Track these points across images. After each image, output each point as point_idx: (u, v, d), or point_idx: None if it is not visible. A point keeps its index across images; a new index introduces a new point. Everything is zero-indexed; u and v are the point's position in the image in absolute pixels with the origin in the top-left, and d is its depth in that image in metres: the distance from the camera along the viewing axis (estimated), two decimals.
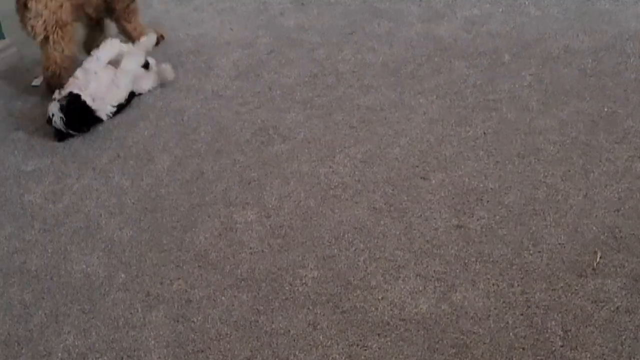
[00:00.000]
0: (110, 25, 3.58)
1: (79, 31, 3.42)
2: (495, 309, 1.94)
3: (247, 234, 2.38)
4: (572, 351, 1.78)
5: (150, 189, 2.68)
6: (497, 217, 2.25)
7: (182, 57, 3.59)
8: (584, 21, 3.28)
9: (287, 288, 2.14)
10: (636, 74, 2.80)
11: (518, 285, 1.99)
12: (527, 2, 3.55)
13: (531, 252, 2.09)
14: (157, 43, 3.58)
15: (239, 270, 2.24)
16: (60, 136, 3.04)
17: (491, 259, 2.09)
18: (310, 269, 2.19)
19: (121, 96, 3.15)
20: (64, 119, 2.96)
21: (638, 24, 3.16)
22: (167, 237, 2.43)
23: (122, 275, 2.30)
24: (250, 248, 2.32)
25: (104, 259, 2.38)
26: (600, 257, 2.03)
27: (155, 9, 4.26)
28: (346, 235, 2.29)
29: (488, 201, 2.32)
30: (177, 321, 2.09)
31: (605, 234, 2.10)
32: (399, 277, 2.10)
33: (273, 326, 2.02)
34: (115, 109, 3.14)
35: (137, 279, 2.28)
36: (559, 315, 1.88)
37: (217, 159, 2.78)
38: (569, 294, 1.93)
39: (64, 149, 3.00)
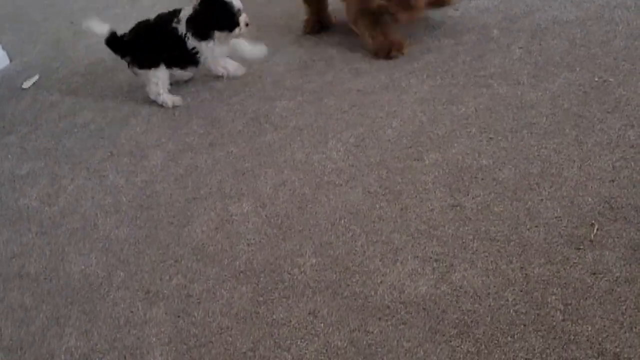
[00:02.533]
0: None
1: None
2: (494, 286, 1.93)
3: (243, 225, 2.38)
4: (574, 324, 1.77)
5: (145, 186, 2.67)
6: (493, 194, 2.24)
7: None
8: None
9: (286, 277, 2.13)
10: (625, 41, 2.78)
11: (516, 261, 1.99)
12: None
13: (528, 227, 2.08)
14: None
15: (237, 262, 2.23)
16: None
17: (488, 237, 2.09)
18: (308, 256, 2.19)
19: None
20: None
21: None
22: (164, 233, 2.43)
23: (121, 274, 2.30)
24: (248, 239, 2.31)
25: (102, 258, 2.38)
26: (597, 229, 2.02)
27: (143, 2, 4.25)
28: (342, 221, 2.29)
29: (482, 178, 2.31)
30: (178, 317, 2.09)
31: (602, 205, 2.09)
32: (397, 260, 2.09)
33: (274, 317, 2.02)
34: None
35: (136, 277, 2.27)
36: (559, 289, 1.87)
37: (210, 151, 2.77)
38: (568, 267, 1.92)
39: (56, 151, 3.00)
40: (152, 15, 3.14)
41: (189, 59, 3.11)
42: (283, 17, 3.71)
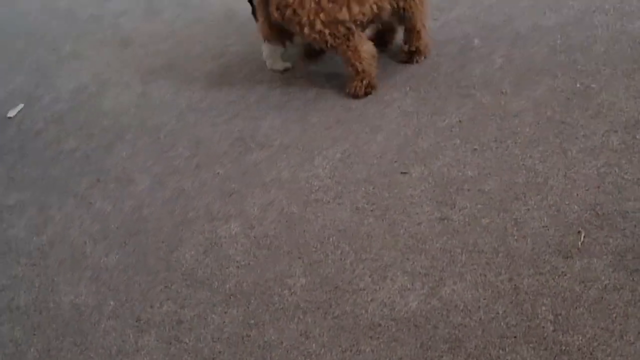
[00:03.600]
0: None
1: None
2: (484, 299, 1.93)
3: (232, 247, 2.37)
4: (564, 335, 1.77)
5: (132, 212, 2.67)
6: (479, 205, 2.24)
7: (154, 73, 3.58)
8: None
9: (276, 299, 2.13)
10: (605, 46, 2.78)
11: (505, 273, 1.99)
12: None
13: (515, 237, 2.08)
14: None
15: (227, 286, 2.23)
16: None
17: (476, 249, 2.09)
18: (298, 276, 2.18)
19: None
20: None
21: None
22: (153, 258, 2.43)
23: (111, 303, 2.29)
24: (237, 262, 2.31)
25: (91, 287, 2.37)
26: (584, 237, 2.02)
27: (124, 26, 4.25)
28: (331, 239, 2.28)
29: (469, 190, 2.31)
30: (170, 344, 2.08)
31: (588, 212, 2.10)
32: (387, 276, 2.09)
33: (265, 339, 2.01)
34: None
35: (126, 305, 2.27)
36: (548, 299, 1.87)
37: (196, 173, 2.77)
38: (557, 277, 1.93)
39: (43, 180, 2.99)
40: (131, 40, 3.13)
41: None
42: None
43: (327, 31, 2.75)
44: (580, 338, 1.76)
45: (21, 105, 3.78)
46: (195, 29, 3.96)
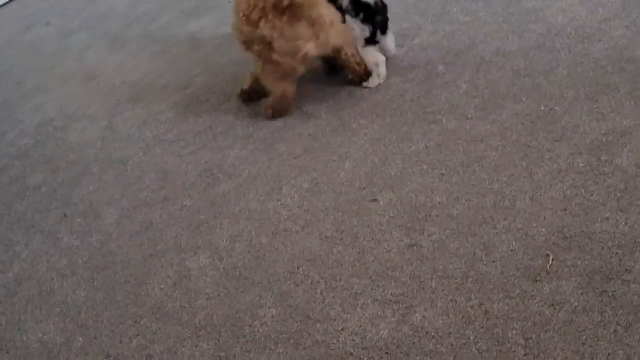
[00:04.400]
0: None
1: None
2: (455, 325, 1.93)
3: (201, 279, 2.35)
4: (535, 358, 1.77)
5: (100, 246, 2.64)
6: (448, 230, 2.24)
7: (120, 106, 3.56)
8: (512, 22, 3.30)
9: (247, 330, 2.11)
10: (568, 69, 2.82)
11: (475, 298, 1.99)
12: (455, 9, 3.57)
13: (484, 262, 2.09)
14: None
15: (197, 319, 2.21)
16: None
17: (446, 275, 2.09)
18: (269, 307, 2.17)
19: None
20: None
21: (564, 18, 3.19)
22: (122, 293, 2.40)
23: (80, 339, 2.26)
24: (206, 294, 2.29)
25: (59, 324, 2.34)
26: (552, 259, 2.03)
27: (88, 59, 4.23)
28: (301, 269, 2.27)
29: (437, 215, 2.31)
30: None
31: (555, 235, 2.11)
32: (357, 304, 2.08)
33: None
34: None
35: (95, 341, 2.24)
36: (518, 323, 1.87)
37: (164, 206, 2.75)
38: (526, 300, 1.93)
39: (9, 215, 2.96)
40: (96, 73, 3.12)
41: None
42: (230, 64, 3.71)
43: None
44: None
45: None
46: (160, 61, 3.96)
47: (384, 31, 3.14)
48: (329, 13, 2.90)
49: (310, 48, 2.87)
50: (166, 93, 3.61)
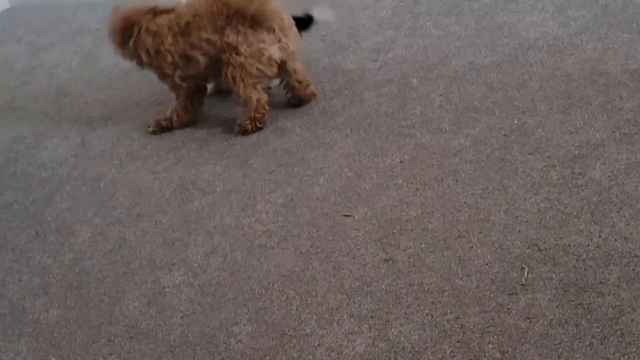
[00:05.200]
0: None
1: None
2: (431, 340, 1.92)
3: (176, 297, 2.33)
4: None
5: (73, 264, 2.61)
6: (423, 244, 2.24)
7: (93, 123, 3.54)
8: (485, 36, 3.32)
9: (222, 348, 2.09)
10: (540, 82, 2.83)
11: (451, 312, 1.98)
12: (427, 24, 3.59)
13: (460, 276, 2.09)
14: None
15: (172, 337, 2.18)
16: None
17: (422, 289, 2.08)
18: (244, 324, 2.15)
19: None
20: None
21: (536, 32, 3.21)
22: (96, 312, 2.37)
23: (53, 359, 2.23)
24: (181, 311, 2.27)
25: (32, 344, 2.31)
26: (527, 272, 2.03)
27: (60, 76, 4.20)
28: (276, 285, 2.26)
29: (412, 230, 2.31)
30: None
31: (530, 248, 2.11)
32: (333, 320, 2.07)
33: None
34: None
35: None
36: (495, 337, 1.87)
37: (138, 223, 2.73)
38: (502, 314, 1.93)
39: None
40: (68, 90, 3.09)
41: None
42: None
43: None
44: None
45: None
46: (133, 77, 3.93)
47: None
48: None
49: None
50: (139, 110, 3.59)
